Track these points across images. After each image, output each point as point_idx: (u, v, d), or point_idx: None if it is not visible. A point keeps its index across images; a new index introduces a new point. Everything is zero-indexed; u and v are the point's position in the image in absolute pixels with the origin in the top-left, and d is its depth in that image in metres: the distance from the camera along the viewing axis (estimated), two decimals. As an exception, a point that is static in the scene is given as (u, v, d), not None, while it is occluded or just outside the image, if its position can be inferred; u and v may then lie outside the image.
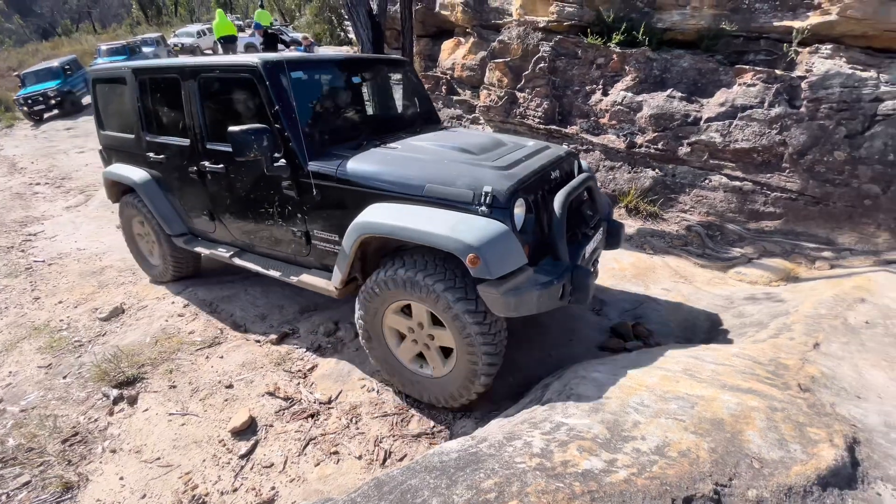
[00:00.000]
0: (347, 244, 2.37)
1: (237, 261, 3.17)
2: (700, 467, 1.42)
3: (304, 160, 2.56)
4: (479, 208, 2.11)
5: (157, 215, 3.51)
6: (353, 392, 2.67)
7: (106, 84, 3.76)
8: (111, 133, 3.81)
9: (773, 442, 1.50)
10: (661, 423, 1.65)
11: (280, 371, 2.92)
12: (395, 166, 2.42)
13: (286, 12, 28.86)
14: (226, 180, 3.00)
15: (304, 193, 2.62)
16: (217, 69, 2.88)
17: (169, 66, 3.19)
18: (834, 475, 1.39)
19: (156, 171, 3.49)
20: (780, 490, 1.35)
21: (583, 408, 1.83)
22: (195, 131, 3.06)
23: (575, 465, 1.46)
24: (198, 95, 2.99)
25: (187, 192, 3.35)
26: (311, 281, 2.74)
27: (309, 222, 2.69)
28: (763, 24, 4.37)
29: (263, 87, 2.60)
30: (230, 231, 3.21)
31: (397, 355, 2.48)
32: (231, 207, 3.09)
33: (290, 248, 2.88)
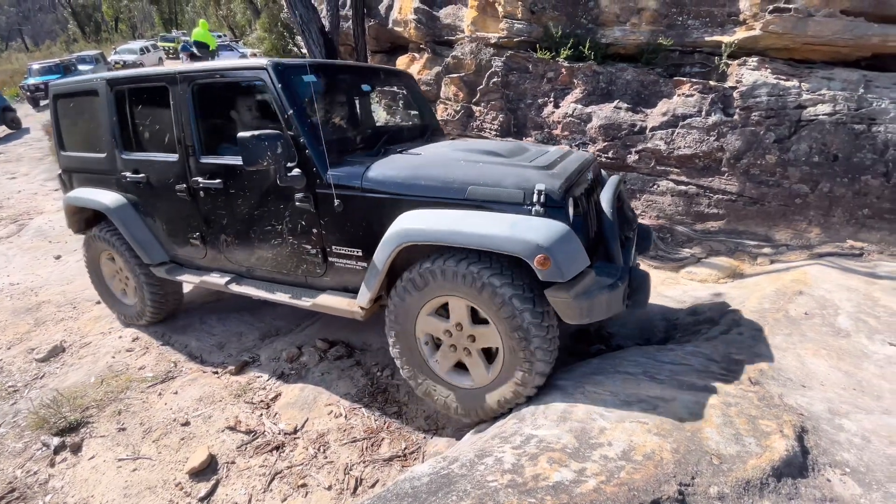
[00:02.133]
0: (381, 256, 2.13)
1: (235, 287, 2.84)
2: (664, 469, 1.46)
3: (322, 168, 2.32)
4: (533, 208, 1.93)
5: (133, 242, 3.12)
6: (319, 419, 2.58)
7: (70, 99, 3.37)
8: (75, 154, 3.42)
9: (729, 437, 1.57)
10: (626, 428, 1.69)
11: (241, 403, 2.78)
12: (429, 170, 2.22)
13: (236, 28, 28.26)
14: (223, 197, 2.70)
15: (321, 206, 2.37)
16: (217, 74, 2.62)
17: (156, 75, 2.87)
18: (787, 465, 1.47)
19: (131, 194, 3.13)
20: (738, 484, 1.41)
21: (551, 417, 1.85)
22: (186, 144, 2.75)
23: (546, 479, 1.47)
24: (191, 104, 2.70)
25: (172, 215, 3.00)
26: (330, 303, 2.46)
27: (326, 238, 2.43)
28: (696, 39, 4.68)
29: (274, 91, 2.37)
30: (225, 255, 2.88)
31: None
32: (228, 228, 2.78)
33: (300, 270, 2.60)
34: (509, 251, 1.83)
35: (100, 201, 3.20)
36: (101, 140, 3.16)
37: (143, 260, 3.15)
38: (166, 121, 2.83)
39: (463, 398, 2.21)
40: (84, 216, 3.55)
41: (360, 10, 7.01)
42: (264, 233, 2.64)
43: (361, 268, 2.37)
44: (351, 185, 2.29)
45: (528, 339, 1.92)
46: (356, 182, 2.29)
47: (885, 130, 3.95)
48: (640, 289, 2.08)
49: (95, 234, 3.42)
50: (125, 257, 3.27)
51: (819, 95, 4.12)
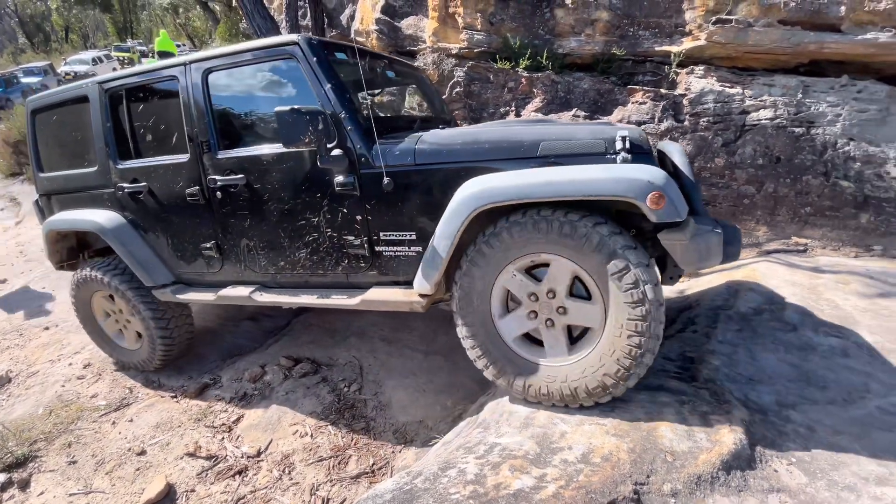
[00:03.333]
0: (449, 229, 1.90)
1: (261, 297, 2.50)
2: (621, 469, 1.49)
3: (366, 146, 2.10)
4: (618, 156, 1.77)
5: (133, 264, 2.78)
6: (284, 440, 2.51)
7: (51, 112, 3.03)
8: (57, 174, 3.05)
9: (682, 434, 1.62)
10: (586, 430, 1.72)
11: (201, 427, 2.68)
12: (489, 134, 2.03)
13: (195, 37, 27.59)
14: (246, 195, 2.40)
15: (367, 188, 2.14)
16: (236, 57, 2.35)
17: (161, 67, 2.60)
18: (736, 458, 1.52)
19: (129, 209, 2.79)
20: (691, 480, 1.45)
21: (514, 424, 1.86)
22: (200, 141, 2.46)
23: (507, 487, 1.47)
24: (204, 95, 2.44)
25: (180, 225, 2.67)
26: (383, 297, 2.20)
27: (373, 225, 2.19)
28: (647, 49, 4.88)
29: (308, 66, 2.16)
30: (247, 264, 2.56)
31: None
32: (251, 231, 2.47)
33: (340, 266, 2.33)
34: (615, 194, 1.64)
35: (91, 221, 2.82)
36: (92, 152, 2.84)
37: (145, 282, 2.79)
38: (173, 118, 2.55)
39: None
40: (68, 245, 3.19)
41: (319, 20, 6.98)
42: (296, 230, 2.34)
43: (415, 254, 2.14)
44: (402, 160, 2.06)
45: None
46: (408, 156, 2.06)
47: (822, 133, 4.21)
48: (733, 241, 1.91)
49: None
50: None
51: (761, 101, 4.36)
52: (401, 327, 3.31)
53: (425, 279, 2.04)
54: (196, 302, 2.82)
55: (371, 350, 3.10)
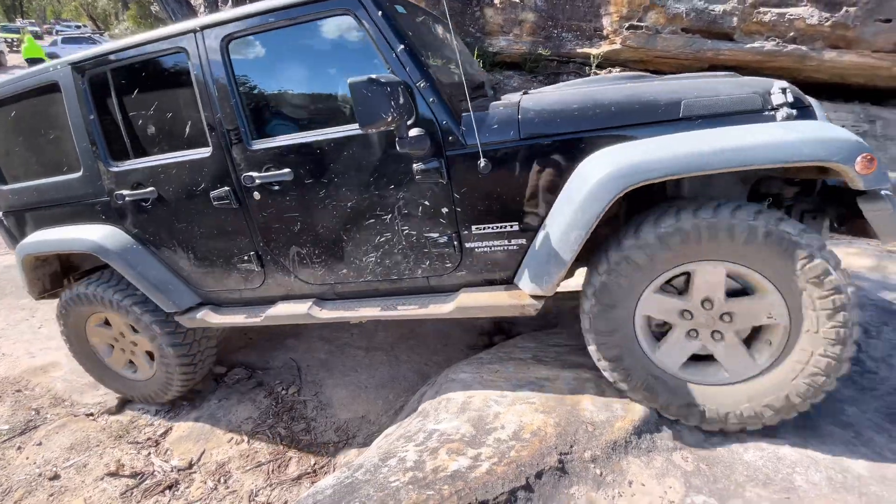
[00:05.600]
0: (586, 215, 1.53)
1: (323, 313, 2.09)
2: (548, 442, 1.62)
3: (454, 122, 1.73)
4: (778, 112, 1.50)
5: (148, 288, 2.27)
6: (218, 449, 2.42)
7: (7, 108, 2.41)
8: (27, 185, 2.45)
9: (601, 406, 1.78)
10: (517, 409, 1.84)
11: (123, 444, 2.51)
12: (614, 94, 1.67)
13: (99, 18, 24.93)
14: (294, 193, 1.97)
15: (456, 173, 1.77)
16: (270, 13, 1.83)
17: (160, 37, 2.02)
18: (645, 423, 1.71)
19: (132, 221, 2.27)
20: (608, 446, 1.61)
21: (452, 410, 1.94)
22: (226, 130, 1.96)
23: (444, 470, 1.55)
24: (227, 69, 1.92)
25: (206, 236, 2.18)
26: (484, 301, 1.86)
27: (463, 217, 1.83)
28: (570, 50, 5.18)
29: (372, 24, 1.72)
30: (298, 274, 2.14)
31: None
32: (303, 236, 2.04)
33: (420, 269, 1.97)
34: (815, 158, 1.34)
35: (85, 240, 2.28)
36: (72, 154, 2.28)
37: (166, 308, 2.31)
38: (184, 102, 2.06)
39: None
40: (50, 270, 2.66)
41: (244, 9, 6.63)
42: (363, 230, 1.95)
43: (517, 247, 1.82)
44: (501, 135, 1.70)
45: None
46: (509, 129, 1.70)
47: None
48: None
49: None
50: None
51: (669, 101, 4.80)
52: (339, 325, 3.28)
53: (541, 278, 1.71)
54: (234, 326, 2.31)
55: (309, 350, 3.06)
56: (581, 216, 1.55)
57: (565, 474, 1.53)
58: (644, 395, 1.72)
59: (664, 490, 1.48)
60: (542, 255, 1.70)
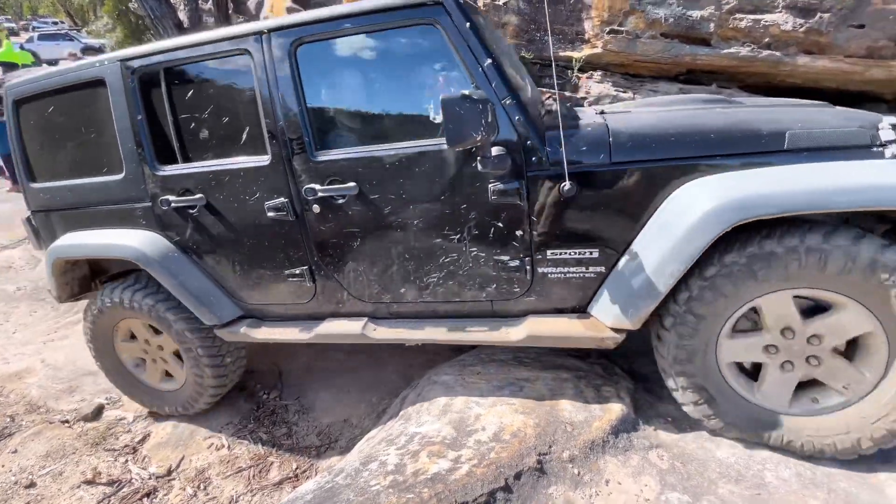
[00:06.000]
0: (688, 247, 1.47)
1: (378, 333, 2.02)
2: (527, 443, 1.64)
3: (539, 141, 1.66)
4: (888, 148, 1.48)
5: (189, 300, 2.18)
6: (198, 455, 2.39)
7: (46, 101, 2.29)
8: (60, 184, 2.33)
9: (579, 406, 1.81)
10: (498, 411, 1.86)
11: (100, 452, 2.46)
12: (710, 119, 1.64)
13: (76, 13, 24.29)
14: (357, 208, 1.88)
15: (536, 195, 1.70)
16: (346, 19, 1.74)
17: (222, 39, 1.92)
18: (622, 423, 1.74)
19: (176, 228, 2.17)
20: (586, 446, 1.64)
21: (433, 412, 1.95)
22: (287, 139, 1.87)
23: (425, 473, 1.56)
24: (294, 76, 1.83)
25: (255, 248, 2.10)
26: (558, 331, 1.78)
27: (539, 240, 1.77)
28: (552, 53, 5.22)
29: (458, 36, 1.63)
30: (352, 291, 2.05)
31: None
32: (361, 252, 1.96)
33: (486, 291, 1.90)
34: None
35: (125, 246, 2.17)
36: (114, 154, 2.18)
37: (206, 321, 2.21)
38: (243, 107, 1.97)
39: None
40: (79, 274, 2.53)
41: (223, 5, 6.54)
42: (428, 249, 1.88)
43: (594, 275, 1.75)
44: (591, 157, 1.64)
45: None
46: (599, 151, 1.63)
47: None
48: None
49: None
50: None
51: (650, 104, 4.89)
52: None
53: (626, 310, 1.63)
54: (279, 341, 2.19)
55: (291, 354, 3.03)
56: (681, 249, 1.49)
57: (544, 474, 1.55)
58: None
59: (640, 488, 1.52)
60: (629, 286, 1.62)
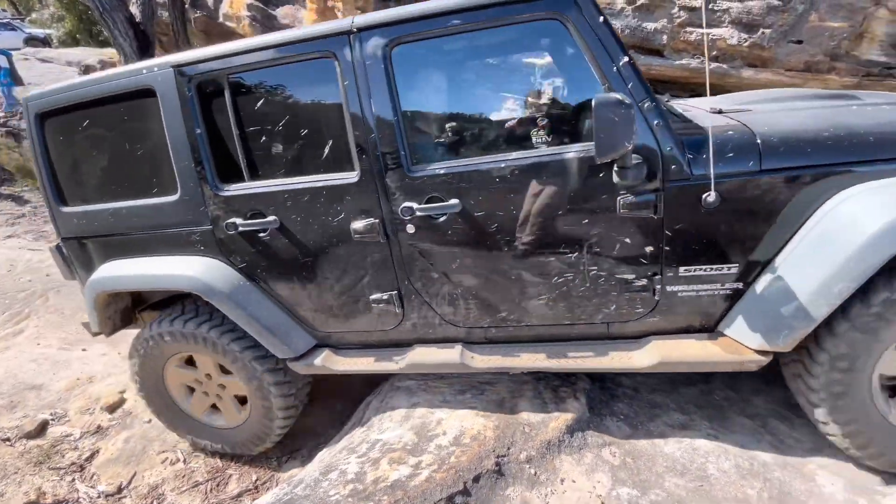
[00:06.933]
0: (859, 265, 1.34)
1: (479, 362, 1.82)
2: (486, 446, 1.68)
3: (679, 149, 1.50)
4: None
5: (260, 333, 1.96)
6: (152, 470, 2.30)
7: (79, 115, 2.02)
8: (99, 207, 2.06)
9: (538, 407, 1.87)
10: (459, 415, 1.89)
11: (44, 471, 2.33)
12: (859, 120, 1.54)
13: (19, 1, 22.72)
14: (460, 226, 1.70)
15: (673, 207, 1.54)
16: (452, 15, 1.52)
17: (301, 40, 1.69)
18: (577, 422, 1.81)
19: (240, 256, 1.95)
20: (542, 446, 1.69)
21: (395, 419, 1.96)
22: (381, 153, 1.67)
23: (385, 480, 1.56)
24: (389, 81, 1.62)
25: (335, 272, 1.89)
26: (694, 355, 1.62)
27: (670, 256, 1.61)
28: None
29: (590, 31, 1.46)
30: (444, 315, 1.87)
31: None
32: (460, 273, 1.78)
33: (601, 314, 1.73)
34: None
35: (185, 276, 1.95)
36: (165, 174, 1.93)
37: (280, 354, 1.99)
38: (326, 118, 1.78)
39: None
40: (121, 306, 2.31)
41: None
42: (540, 268, 1.71)
43: (730, 291, 1.61)
44: (737, 165, 1.48)
45: None
46: (748, 158, 1.47)
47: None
48: None
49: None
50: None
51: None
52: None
53: (776, 331, 1.48)
54: (363, 373, 2.00)
55: (252, 361, 2.96)
56: (852, 265, 1.34)
57: (502, 476, 1.59)
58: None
59: (593, 485, 1.58)
60: (777, 305, 1.48)
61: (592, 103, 1.32)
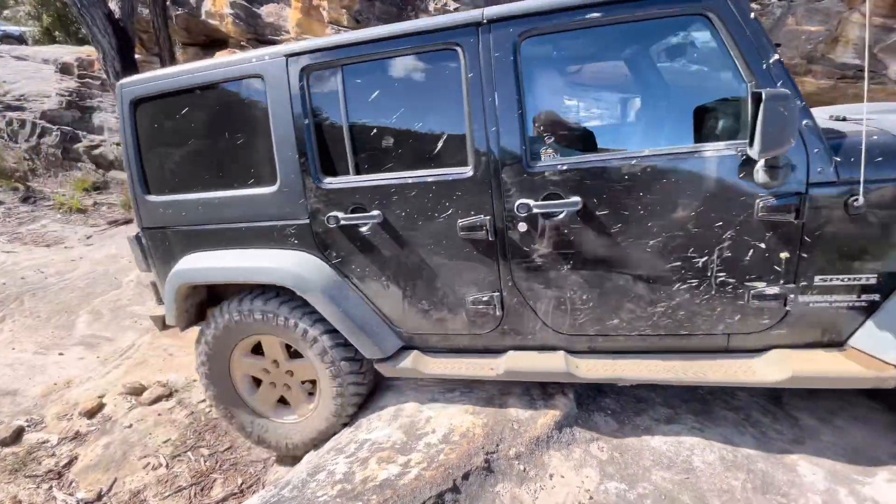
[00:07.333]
0: None
1: (585, 371, 1.72)
2: (476, 443, 1.67)
3: (826, 149, 1.46)
4: None
5: (351, 331, 1.90)
6: (133, 476, 2.24)
7: (176, 102, 2.00)
8: (188, 197, 2.02)
9: (526, 404, 1.87)
10: (448, 413, 1.88)
11: (20, 478, 2.26)
12: None
13: (-13, 2, 22.02)
14: (577, 225, 1.64)
15: (815, 212, 1.49)
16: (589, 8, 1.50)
17: (423, 31, 1.65)
18: (566, 418, 1.82)
19: (336, 251, 1.89)
20: (531, 442, 1.70)
21: (384, 418, 1.95)
22: (499, 148, 1.63)
23: (374, 479, 1.55)
24: (516, 74, 1.58)
25: (435, 271, 1.83)
26: (826, 370, 1.55)
27: (807, 264, 1.55)
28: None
29: (739, 28, 1.44)
30: (546, 320, 1.79)
31: None
32: (572, 276, 1.71)
33: (722, 324, 1.65)
34: None
35: (279, 269, 1.88)
36: (265, 164, 1.89)
37: (369, 354, 1.92)
38: (442, 111, 1.74)
39: None
40: (198, 300, 2.22)
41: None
42: (661, 273, 1.63)
43: (867, 304, 1.55)
44: (887, 170, 1.44)
45: None
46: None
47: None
48: None
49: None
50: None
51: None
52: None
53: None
54: (457, 377, 1.89)
55: (237, 363, 2.91)
56: None
57: (491, 473, 1.59)
58: None
59: (581, 480, 1.59)
60: None
61: (763, 96, 1.28)
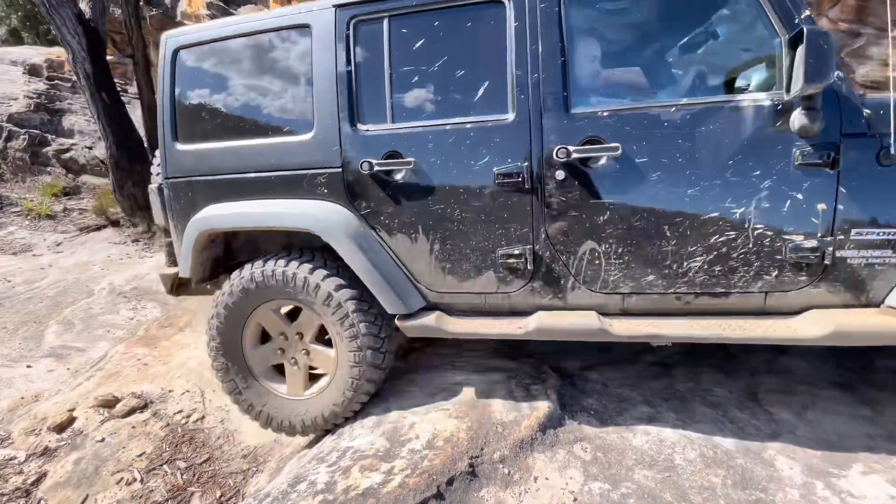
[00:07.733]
0: None
1: (621, 328, 1.69)
2: (460, 448, 1.66)
3: (857, 99, 1.52)
4: None
5: (376, 284, 1.85)
6: (105, 492, 2.16)
7: (219, 49, 2.04)
8: (217, 146, 2.03)
9: (510, 406, 1.87)
10: (432, 418, 1.86)
11: (-17, 499, 2.15)
12: None
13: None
14: (617, 172, 1.64)
15: (852, 161, 1.51)
16: None
17: None
18: (549, 420, 1.82)
19: (365, 201, 1.88)
20: (516, 445, 1.69)
21: (367, 425, 1.92)
22: (541, 92, 1.68)
23: (356, 488, 1.52)
24: (560, 23, 1.67)
25: (465, 223, 1.80)
26: (872, 325, 1.53)
27: (843, 217, 1.54)
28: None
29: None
30: (579, 278, 1.75)
31: None
32: (607, 229, 1.68)
33: (760, 281, 1.62)
34: None
35: (306, 214, 1.89)
36: (303, 112, 1.93)
37: (393, 309, 1.87)
38: (486, 59, 1.76)
39: None
40: (213, 254, 2.19)
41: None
42: (698, 225, 1.62)
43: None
44: None
45: None
46: None
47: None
48: None
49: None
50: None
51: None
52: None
53: None
54: (481, 336, 1.84)
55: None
56: None
57: (475, 477, 1.57)
58: None
59: (566, 481, 1.59)
60: None
61: (805, 31, 1.34)
